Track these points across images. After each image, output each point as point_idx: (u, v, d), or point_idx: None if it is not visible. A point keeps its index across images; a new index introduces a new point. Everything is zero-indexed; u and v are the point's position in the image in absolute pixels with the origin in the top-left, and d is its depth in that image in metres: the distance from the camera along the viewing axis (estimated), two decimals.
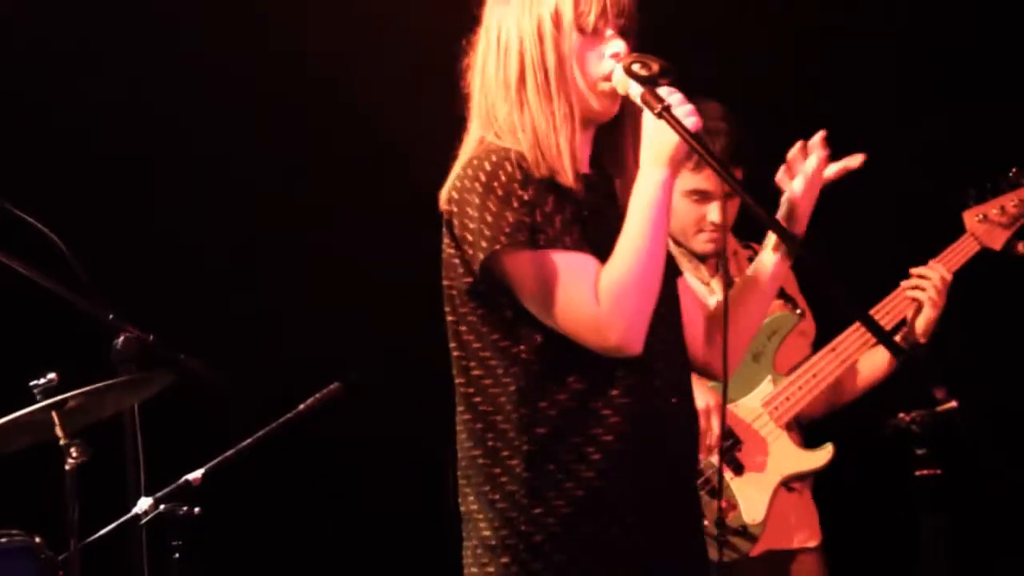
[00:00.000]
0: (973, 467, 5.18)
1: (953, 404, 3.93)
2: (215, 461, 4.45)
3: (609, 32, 3.02)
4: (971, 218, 4.51)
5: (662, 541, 3.00)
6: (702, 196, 4.48)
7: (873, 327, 2.92)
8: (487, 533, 2.99)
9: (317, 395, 4.63)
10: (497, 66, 3.05)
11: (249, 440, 4.54)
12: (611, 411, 2.95)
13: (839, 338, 4.47)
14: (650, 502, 2.98)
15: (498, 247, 2.90)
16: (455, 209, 2.98)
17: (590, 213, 3.01)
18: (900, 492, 4.21)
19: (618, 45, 3.01)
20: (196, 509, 4.27)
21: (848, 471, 4.54)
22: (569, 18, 2.99)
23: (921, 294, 4.42)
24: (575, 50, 3.01)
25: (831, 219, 3.35)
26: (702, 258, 4.57)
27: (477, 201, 2.94)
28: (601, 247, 2.96)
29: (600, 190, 3.09)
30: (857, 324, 4.36)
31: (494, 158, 2.97)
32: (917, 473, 4.11)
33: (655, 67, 2.93)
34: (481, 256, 2.92)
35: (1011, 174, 4.53)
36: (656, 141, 2.93)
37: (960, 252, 4.50)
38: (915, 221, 5.06)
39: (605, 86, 3.02)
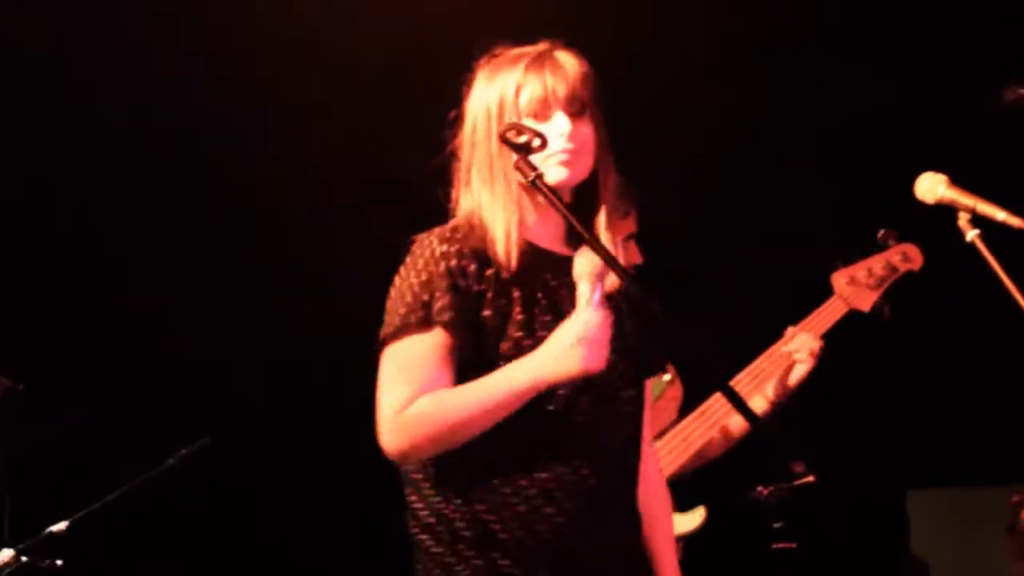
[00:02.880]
0: (828, 542, 5.26)
1: (810, 479, 3.99)
2: (80, 514, 4.41)
3: (557, 113, 3.05)
4: (839, 280, 4.48)
5: None
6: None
7: (731, 395, 2.96)
8: None
9: (186, 450, 4.62)
10: (461, 144, 3.12)
11: (115, 494, 4.51)
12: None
13: (707, 402, 4.43)
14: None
15: (384, 337, 2.98)
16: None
17: (534, 292, 3.02)
18: (756, 565, 4.27)
19: (563, 125, 3.04)
20: (59, 562, 4.24)
21: (704, 543, 4.58)
22: (511, 103, 3.04)
23: (798, 355, 4.41)
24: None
25: (702, 282, 3.42)
26: None
27: (395, 284, 3.02)
28: (535, 329, 2.97)
29: (563, 268, 3.05)
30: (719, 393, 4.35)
31: (433, 236, 3.02)
32: (773, 546, 4.16)
33: (529, 136, 2.96)
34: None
35: (879, 236, 4.52)
36: (552, 354, 2.90)
37: (827, 314, 4.48)
38: (784, 283, 5.08)
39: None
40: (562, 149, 3.02)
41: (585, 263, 2.97)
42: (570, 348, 2.87)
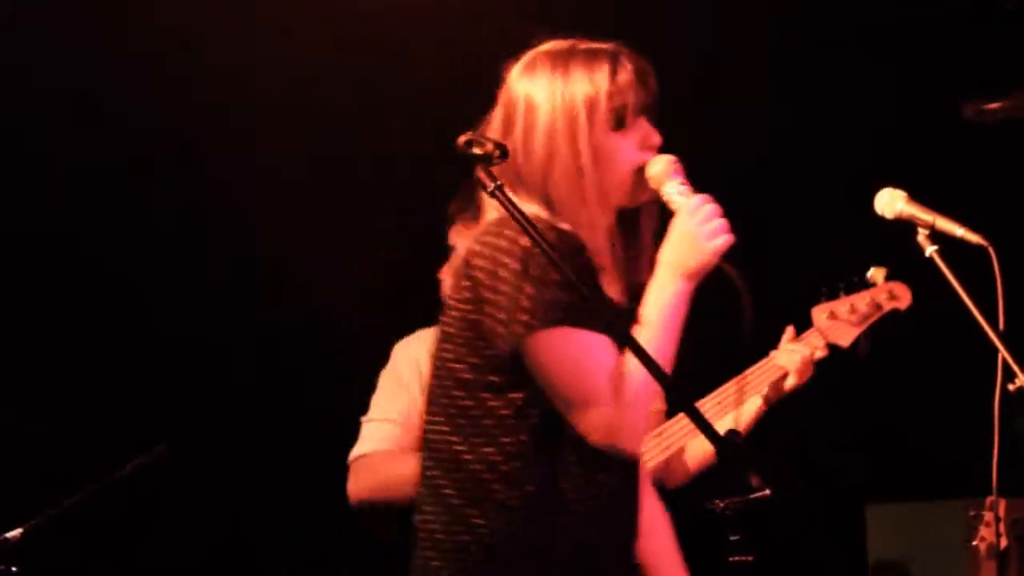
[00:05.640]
0: (785, 555, 5.28)
1: (766, 492, 4.00)
2: (35, 520, 4.40)
3: (642, 121, 3.03)
4: (819, 314, 4.43)
5: None
6: None
7: (697, 418, 2.97)
8: None
9: (141, 457, 4.62)
10: (528, 141, 3.01)
11: (71, 500, 4.50)
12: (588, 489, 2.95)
13: (665, 424, 4.38)
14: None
15: (535, 324, 2.85)
16: (482, 274, 2.90)
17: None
18: None
19: (655, 137, 3.03)
20: (13, 568, 4.23)
21: None
22: (603, 108, 2.98)
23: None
24: (608, 139, 2.99)
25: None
26: None
27: (513, 272, 2.87)
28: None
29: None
30: (682, 413, 4.36)
31: (540, 226, 2.86)
32: (730, 559, 4.18)
33: (489, 146, 2.90)
34: (508, 333, 2.87)
35: (868, 275, 4.49)
36: (682, 249, 2.94)
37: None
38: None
39: (638, 178, 3.01)
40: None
41: (655, 165, 3.00)
42: (698, 236, 2.92)
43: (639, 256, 3.09)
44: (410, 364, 4.54)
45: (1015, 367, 3.75)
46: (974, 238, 3.20)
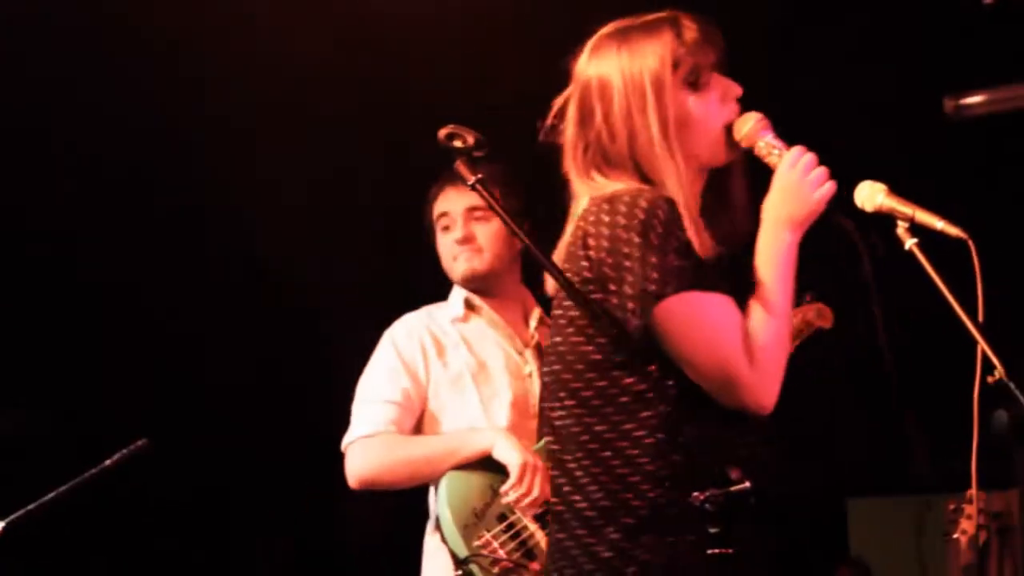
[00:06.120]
0: (766, 549, 5.30)
1: (746, 485, 3.99)
2: (16, 514, 4.39)
3: (717, 77, 3.05)
4: None
5: None
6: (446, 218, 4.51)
7: None
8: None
9: (123, 451, 4.60)
10: (609, 123, 3.02)
11: (51, 495, 4.49)
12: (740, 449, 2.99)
13: None
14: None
15: (663, 293, 2.86)
16: (602, 253, 2.91)
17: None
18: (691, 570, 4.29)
19: (735, 88, 3.06)
20: None
21: None
22: (674, 74, 3.00)
23: None
24: (686, 103, 3.01)
25: None
26: (468, 285, 4.53)
27: (634, 245, 2.88)
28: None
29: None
30: None
31: (648, 196, 2.91)
32: (708, 552, 4.18)
33: (470, 140, 2.95)
34: (638, 306, 2.87)
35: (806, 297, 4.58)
36: (787, 202, 2.98)
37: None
38: None
39: (728, 136, 3.04)
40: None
41: (744, 124, 3.03)
42: (802, 187, 2.96)
43: (732, 214, 3.11)
44: (413, 344, 4.49)
45: (994, 360, 3.77)
46: (954, 231, 3.21)
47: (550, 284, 3.09)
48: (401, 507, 4.54)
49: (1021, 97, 6.18)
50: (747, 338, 2.90)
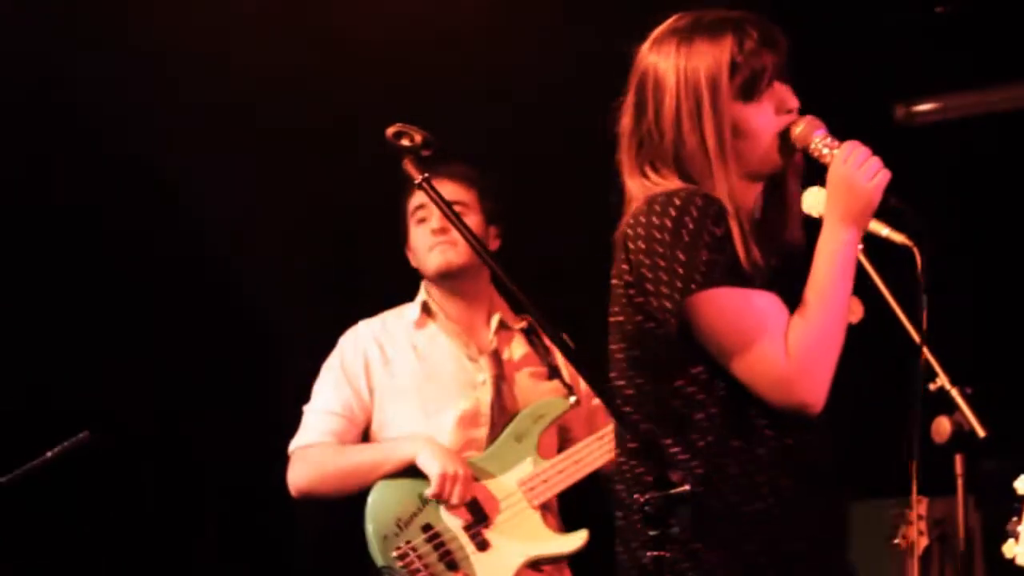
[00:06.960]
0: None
1: (687, 488, 3.97)
2: None
3: (777, 87, 3.00)
4: None
5: None
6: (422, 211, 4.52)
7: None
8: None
9: (64, 443, 4.58)
10: (660, 121, 2.98)
11: None
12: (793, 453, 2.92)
13: (608, 428, 4.38)
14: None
15: (693, 287, 2.82)
16: (640, 255, 2.88)
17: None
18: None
19: (792, 100, 3.01)
20: None
21: (589, 552, 4.57)
22: (730, 81, 2.94)
23: None
24: (740, 111, 2.96)
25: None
26: (443, 277, 4.54)
27: (666, 244, 2.84)
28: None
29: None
30: None
31: (684, 193, 2.87)
32: (648, 554, 4.16)
33: (418, 138, 2.94)
34: (672, 303, 2.84)
35: None
36: (843, 196, 2.92)
37: None
38: None
39: (783, 143, 2.99)
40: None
41: (797, 127, 2.98)
42: (856, 179, 2.91)
43: (787, 215, 3.06)
44: (357, 356, 4.54)
45: (936, 367, 3.77)
46: (899, 238, 3.22)
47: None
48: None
49: (972, 104, 6.21)
50: (787, 333, 2.85)
